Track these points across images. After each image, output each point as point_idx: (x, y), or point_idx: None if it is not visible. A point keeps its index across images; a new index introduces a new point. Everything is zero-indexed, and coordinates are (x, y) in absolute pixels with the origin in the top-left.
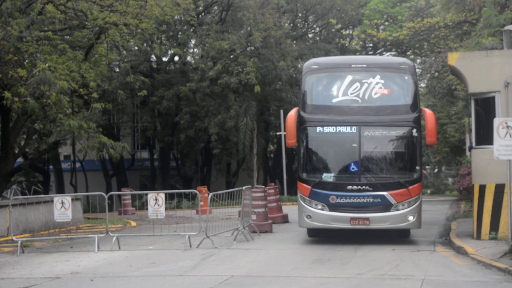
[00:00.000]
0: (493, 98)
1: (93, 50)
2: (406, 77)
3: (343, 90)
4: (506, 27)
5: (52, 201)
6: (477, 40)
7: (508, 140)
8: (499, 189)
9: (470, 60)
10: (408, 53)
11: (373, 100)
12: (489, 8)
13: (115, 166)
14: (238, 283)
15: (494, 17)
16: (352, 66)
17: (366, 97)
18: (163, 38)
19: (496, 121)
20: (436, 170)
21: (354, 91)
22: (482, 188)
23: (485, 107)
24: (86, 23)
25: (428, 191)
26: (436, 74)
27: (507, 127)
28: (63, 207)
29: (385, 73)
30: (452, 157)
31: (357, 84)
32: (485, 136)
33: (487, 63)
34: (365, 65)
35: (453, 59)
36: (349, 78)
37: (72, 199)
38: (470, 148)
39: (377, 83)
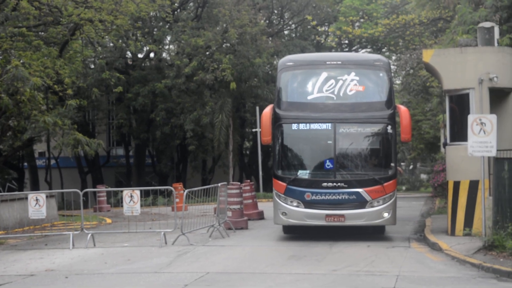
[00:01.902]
0: (467, 95)
1: (68, 47)
2: (381, 74)
3: (318, 87)
4: (480, 24)
5: (27, 198)
6: (451, 37)
7: (482, 137)
8: (473, 186)
9: (445, 57)
10: (384, 50)
11: (348, 97)
12: (463, 5)
13: (90, 163)
14: (213, 280)
15: (468, 14)
16: (327, 63)
17: (341, 94)
18: (138, 35)
19: (470, 118)
20: (411, 167)
21: (329, 88)
22: (457, 185)
23: (460, 104)
24: (61, 19)
25: (403, 188)
26: (411, 71)
27: (481, 123)
28: (37, 204)
29: (360, 70)
30: (427, 153)
31: (332, 81)
32: (459, 133)
33: (462, 60)
34: (340, 62)
35: (428, 56)
36: (324, 75)
37: (46, 196)
38: (445, 144)
39: (352, 80)
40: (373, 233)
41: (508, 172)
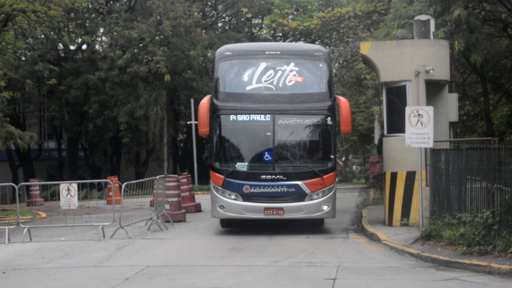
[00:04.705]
0: (404, 87)
1: None
2: (321, 65)
3: (256, 78)
4: (417, 17)
5: None
6: (386, 31)
7: (419, 128)
8: (410, 177)
9: (382, 49)
10: (318, 42)
11: (287, 88)
12: None
13: (22, 156)
14: (154, 273)
15: (403, 9)
16: (266, 52)
17: (280, 85)
18: (71, 26)
19: (408, 110)
20: (343, 159)
21: (268, 79)
22: (394, 176)
23: (397, 96)
24: None
25: (336, 179)
26: (345, 63)
27: (418, 115)
28: None
29: (299, 60)
30: (360, 145)
31: (271, 71)
32: (397, 125)
33: (398, 52)
34: (279, 52)
35: (365, 48)
36: (263, 65)
37: None
38: (382, 136)
39: (291, 71)
40: (312, 226)
41: (444, 163)
